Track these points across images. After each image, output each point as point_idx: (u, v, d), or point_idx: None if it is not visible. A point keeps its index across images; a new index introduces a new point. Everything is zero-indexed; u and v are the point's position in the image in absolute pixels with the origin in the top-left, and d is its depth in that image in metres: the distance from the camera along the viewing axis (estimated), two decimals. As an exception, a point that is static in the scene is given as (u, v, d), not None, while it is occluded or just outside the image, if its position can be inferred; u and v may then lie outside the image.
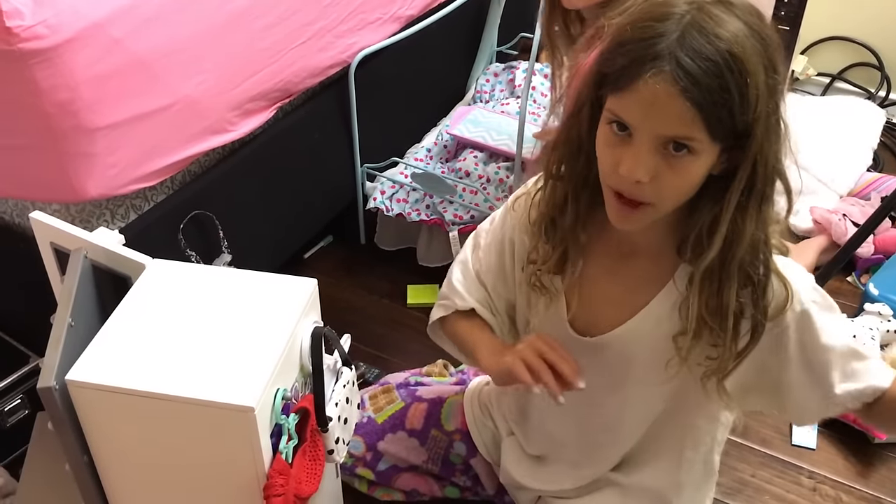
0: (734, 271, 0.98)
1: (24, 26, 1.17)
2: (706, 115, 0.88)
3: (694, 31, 0.88)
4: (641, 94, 0.90)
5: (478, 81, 2.37)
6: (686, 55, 0.87)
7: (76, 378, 0.99)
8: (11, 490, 1.47)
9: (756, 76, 0.89)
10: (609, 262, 1.11)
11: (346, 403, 1.14)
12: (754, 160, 0.93)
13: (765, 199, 0.96)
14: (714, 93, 0.88)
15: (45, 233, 1.21)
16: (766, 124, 0.92)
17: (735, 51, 0.88)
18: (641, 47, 0.90)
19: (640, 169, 0.93)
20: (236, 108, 1.54)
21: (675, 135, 0.91)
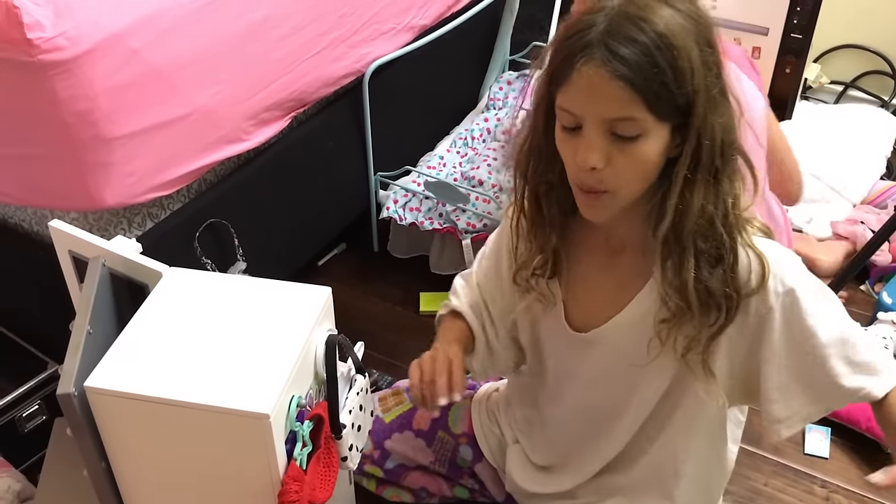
0: (688, 244, 1.00)
1: (44, 38, 1.19)
2: (642, 93, 0.92)
3: (621, 19, 0.93)
4: (578, 83, 0.94)
5: (491, 89, 2.38)
6: (614, 40, 0.92)
7: (95, 385, 1.00)
8: (29, 495, 1.49)
9: (686, 50, 0.92)
10: (600, 258, 1.14)
11: (359, 411, 1.15)
12: (698, 133, 0.96)
13: (717, 173, 0.98)
14: (645, 69, 0.91)
15: (64, 241, 1.22)
16: (707, 97, 0.94)
17: (660, 29, 0.92)
18: (574, 40, 0.95)
19: (594, 155, 0.96)
20: (252, 118, 1.56)
21: (617, 116, 0.94)
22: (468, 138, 2.25)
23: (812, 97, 2.76)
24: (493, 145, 2.15)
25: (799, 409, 1.10)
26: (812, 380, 1.08)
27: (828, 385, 1.08)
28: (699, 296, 1.01)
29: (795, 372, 1.07)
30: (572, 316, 1.18)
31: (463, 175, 2.09)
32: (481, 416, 1.45)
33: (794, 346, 1.06)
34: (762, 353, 1.07)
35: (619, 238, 1.11)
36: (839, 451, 1.67)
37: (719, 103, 0.96)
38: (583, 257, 1.15)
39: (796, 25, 2.30)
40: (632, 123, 0.94)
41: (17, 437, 1.57)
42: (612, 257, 1.13)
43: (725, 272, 1.01)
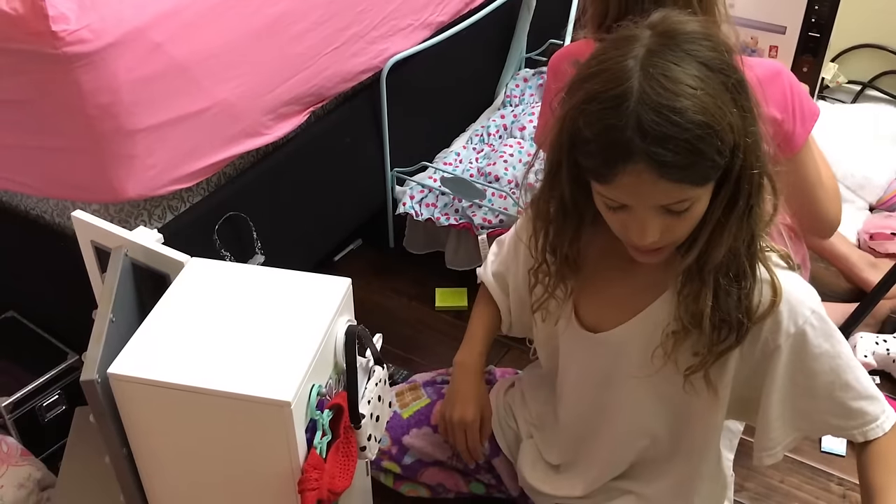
0: (709, 279, 1.01)
1: (69, 30, 1.20)
2: (691, 180, 0.93)
3: (651, 113, 0.90)
4: (626, 186, 0.94)
5: (507, 87, 2.39)
6: (654, 145, 0.90)
7: (117, 372, 1.02)
8: (50, 483, 1.50)
9: (724, 119, 0.91)
10: (621, 264, 1.14)
11: (378, 401, 1.16)
12: (737, 182, 0.96)
13: (748, 213, 0.99)
14: (692, 162, 0.91)
15: (87, 231, 1.24)
16: (746, 149, 0.94)
17: (697, 118, 0.89)
18: (608, 146, 0.93)
19: (649, 236, 0.98)
20: (271, 112, 1.57)
21: (668, 204, 0.95)
22: (484, 135, 2.26)
23: (829, 97, 2.75)
24: (509, 142, 2.15)
25: (785, 439, 1.14)
26: (805, 415, 1.12)
27: (818, 423, 1.13)
28: (713, 322, 1.03)
29: (791, 407, 1.11)
30: (583, 315, 1.20)
31: (479, 171, 2.09)
32: (498, 410, 1.46)
33: (794, 384, 1.09)
34: (764, 385, 1.10)
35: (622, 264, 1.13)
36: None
37: (753, 147, 0.96)
38: (601, 260, 1.16)
39: (814, 24, 2.29)
40: (683, 203, 0.96)
41: (38, 427, 1.59)
42: (631, 264, 1.12)
43: (741, 298, 1.02)
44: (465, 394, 1.36)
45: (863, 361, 1.76)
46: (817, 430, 1.19)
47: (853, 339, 1.81)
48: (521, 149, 2.12)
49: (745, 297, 1.02)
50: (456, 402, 1.36)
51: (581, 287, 1.19)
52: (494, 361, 1.85)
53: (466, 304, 2.04)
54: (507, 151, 2.10)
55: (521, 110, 2.27)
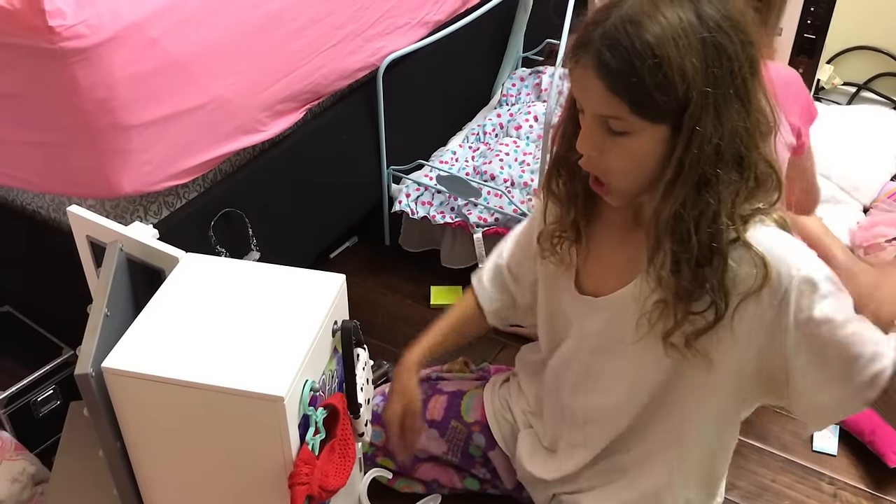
0: (663, 243, 1.02)
1: (65, 25, 1.20)
2: (623, 96, 0.96)
3: (620, 21, 0.96)
4: (575, 77, 1.01)
5: (504, 86, 2.39)
6: (604, 42, 0.96)
7: (112, 366, 1.02)
8: (44, 478, 1.51)
9: (675, 59, 0.93)
10: (617, 233, 1.18)
11: (367, 384, 1.18)
12: (687, 140, 0.97)
13: (704, 181, 0.99)
14: (624, 76, 0.95)
15: (82, 226, 1.24)
16: (704, 105, 0.95)
17: (647, 37, 0.94)
18: (582, 33, 0.99)
19: (586, 143, 1.03)
20: (267, 109, 1.58)
21: (603, 113, 0.99)
22: (480, 133, 2.26)
23: (825, 98, 2.76)
24: (505, 141, 2.16)
25: (826, 400, 1.05)
26: (830, 360, 1.03)
27: (845, 361, 1.02)
28: (675, 291, 1.04)
29: (817, 358, 1.03)
30: (583, 283, 1.23)
31: (475, 170, 2.10)
32: (494, 403, 1.46)
33: (813, 329, 1.02)
34: (786, 342, 1.03)
35: (635, 217, 1.15)
36: (847, 448, 1.68)
37: (725, 110, 0.97)
38: (601, 230, 1.20)
39: (810, 26, 2.30)
40: (618, 122, 0.98)
41: (32, 421, 1.59)
42: (626, 234, 1.16)
43: (708, 275, 1.02)
44: (391, 392, 1.41)
45: None
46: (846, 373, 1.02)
47: None
48: (517, 147, 2.12)
49: (718, 272, 1.02)
50: (387, 402, 1.41)
51: (584, 255, 1.22)
52: (489, 359, 1.85)
53: (461, 303, 2.04)
54: (503, 150, 2.11)
55: (517, 109, 2.28)
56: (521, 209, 1.95)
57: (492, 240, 1.98)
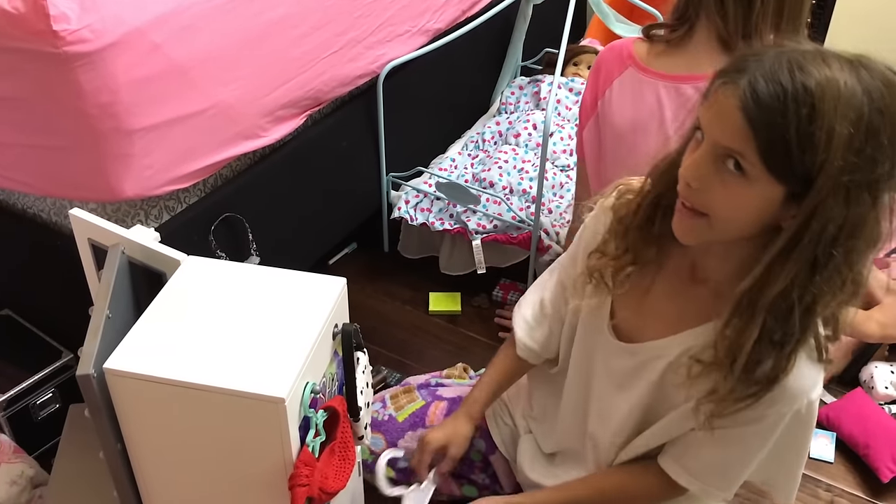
0: (759, 315, 0.97)
1: (69, 30, 1.21)
2: (758, 136, 0.88)
3: (786, 61, 0.88)
4: (712, 101, 0.93)
5: (503, 94, 2.41)
6: (762, 76, 0.88)
7: (113, 367, 1.02)
8: (42, 481, 1.51)
9: (828, 119, 0.86)
10: (676, 282, 1.13)
11: (366, 387, 1.18)
12: (810, 213, 0.90)
13: (816, 264, 0.92)
14: (771, 114, 0.87)
15: (84, 229, 1.25)
16: (835, 185, 0.88)
17: (810, 84, 0.86)
18: (734, 63, 0.92)
19: (693, 172, 0.95)
20: (268, 115, 1.59)
21: (727, 146, 0.91)
22: (479, 141, 2.28)
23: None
24: (504, 148, 2.17)
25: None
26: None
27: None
28: (747, 364, 0.99)
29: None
30: (619, 321, 1.19)
31: (474, 177, 2.11)
32: (494, 407, 1.47)
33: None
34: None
35: (704, 271, 1.10)
36: (844, 456, 1.68)
37: (854, 199, 0.89)
38: (659, 274, 1.14)
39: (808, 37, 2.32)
40: (740, 160, 0.91)
41: (31, 425, 1.59)
42: (687, 285, 1.11)
43: (778, 359, 0.99)
44: (445, 422, 1.39)
45: (884, 394, 1.77)
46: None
47: (868, 370, 1.82)
48: (516, 155, 2.13)
49: (786, 356, 0.98)
50: (437, 426, 1.40)
51: (623, 297, 1.17)
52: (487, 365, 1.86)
53: (460, 309, 2.05)
54: (502, 158, 2.12)
55: (516, 117, 2.29)
56: (520, 216, 1.96)
57: (490, 246, 1.99)
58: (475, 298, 2.08)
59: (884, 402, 1.77)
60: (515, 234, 1.96)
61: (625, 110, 1.51)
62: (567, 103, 2.31)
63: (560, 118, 2.27)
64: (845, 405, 1.73)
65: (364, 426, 1.15)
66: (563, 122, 2.25)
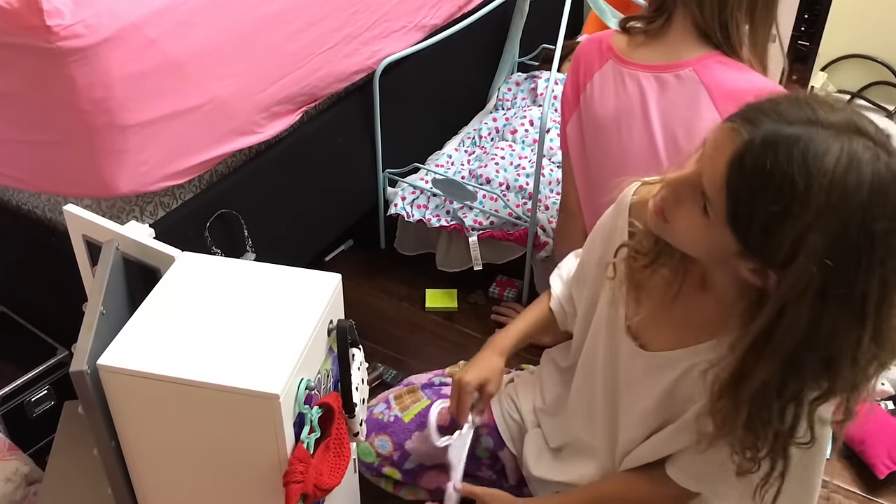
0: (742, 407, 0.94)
1: (63, 25, 1.21)
2: (730, 196, 0.85)
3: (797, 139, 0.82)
4: (716, 134, 0.89)
5: (500, 90, 2.40)
6: (766, 140, 0.83)
7: (107, 363, 1.02)
8: (37, 478, 1.50)
9: (815, 205, 0.80)
10: (692, 292, 1.11)
11: (361, 384, 1.18)
12: (777, 313, 0.87)
13: (794, 364, 0.89)
14: (749, 188, 0.84)
15: (78, 225, 1.24)
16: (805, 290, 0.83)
17: (809, 161, 0.80)
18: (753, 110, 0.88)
19: (672, 185, 0.95)
20: (264, 111, 1.58)
21: (703, 186, 0.89)
22: (476, 137, 2.27)
23: (818, 105, 2.77)
24: (500, 144, 2.16)
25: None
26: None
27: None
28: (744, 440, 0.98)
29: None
30: (634, 325, 1.18)
31: (471, 173, 2.10)
32: (501, 404, 1.47)
33: None
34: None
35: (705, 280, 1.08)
36: (841, 452, 1.68)
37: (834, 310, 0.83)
38: (680, 285, 1.12)
39: (804, 33, 2.32)
40: (706, 202, 0.89)
41: (26, 422, 1.59)
42: (698, 293, 1.10)
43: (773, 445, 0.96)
44: (475, 361, 1.36)
45: (880, 389, 1.77)
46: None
47: None
48: (513, 151, 2.13)
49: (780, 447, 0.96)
50: (467, 367, 1.37)
51: (646, 296, 1.16)
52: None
53: (456, 306, 2.05)
54: (499, 154, 2.11)
55: (512, 114, 2.29)
56: (517, 212, 1.95)
57: (487, 243, 1.99)
58: (472, 295, 2.08)
59: (880, 398, 1.77)
60: (512, 231, 1.95)
61: (607, 102, 1.53)
62: (564, 100, 2.31)
63: (557, 114, 2.26)
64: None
65: (359, 423, 1.15)
66: (559, 119, 2.24)
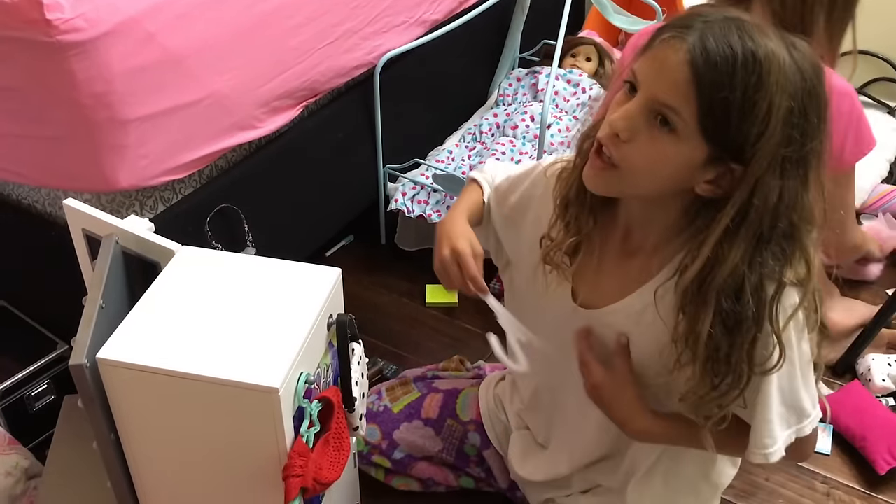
0: (710, 299, 0.96)
1: (63, 19, 1.21)
2: (702, 94, 0.89)
3: (734, 26, 0.89)
4: (656, 52, 0.93)
5: (501, 86, 2.40)
6: (712, 35, 0.89)
7: (106, 356, 1.02)
8: (37, 472, 1.50)
9: (772, 94, 0.88)
10: (614, 255, 1.13)
11: (362, 378, 1.18)
12: (751, 190, 0.91)
13: (762, 239, 0.93)
14: (718, 75, 0.88)
15: (78, 219, 1.24)
16: (773, 158, 0.90)
17: (760, 54, 0.87)
18: (681, 19, 0.93)
19: (623, 122, 0.95)
20: (264, 106, 1.58)
21: (664, 101, 0.91)
22: (477, 133, 2.27)
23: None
24: (501, 140, 2.16)
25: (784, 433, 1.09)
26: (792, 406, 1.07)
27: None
28: (710, 352, 0.98)
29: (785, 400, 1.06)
30: (576, 292, 1.18)
31: (471, 168, 2.10)
32: (488, 402, 1.47)
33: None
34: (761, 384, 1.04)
35: (635, 241, 1.10)
36: (840, 448, 1.68)
37: (788, 174, 0.91)
38: (600, 250, 1.14)
39: (805, 29, 2.31)
40: (672, 115, 0.91)
41: (26, 416, 1.59)
42: (623, 258, 1.12)
43: (743, 345, 0.97)
44: (451, 231, 1.25)
45: (881, 386, 1.76)
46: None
47: (865, 362, 1.81)
48: (514, 147, 2.13)
49: (750, 343, 0.97)
50: (443, 241, 1.24)
51: (578, 267, 1.16)
52: (484, 357, 1.85)
53: (457, 301, 2.05)
54: (500, 150, 2.11)
55: (513, 109, 2.28)
56: (517, 208, 1.95)
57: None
58: (472, 291, 2.08)
59: (881, 394, 1.77)
60: (512, 227, 1.95)
61: None
62: (565, 95, 2.30)
63: (558, 110, 2.26)
64: (842, 398, 1.73)
65: (359, 417, 1.15)
66: (560, 114, 2.24)
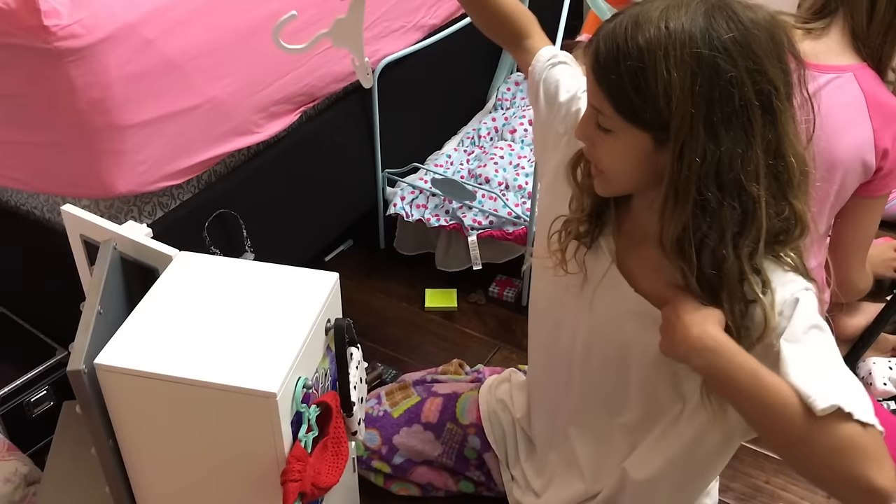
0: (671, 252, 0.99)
1: (60, 25, 1.21)
2: (608, 93, 0.96)
3: (629, 21, 0.95)
4: (587, 69, 1.01)
5: (499, 90, 2.40)
6: (602, 37, 0.97)
7: (104, 362, 1.02)
8: (36, 478, 1.50)
9: (661, 71, 0.91)
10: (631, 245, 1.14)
11: (360, 383, 1.18)
12: (677, 156, 0.94)
13: (702, 204, 0.94)
14: (609, 72, 0.95)
15: (76, 225, 1.24)
16: (691, 124, 0.92)
17: (640, 41, 0.93)
18: (599, 27, 1.00)
19: (579, 132, 1.04)
20: (262, 111, 1.58)
21: (595, 104, 1.00)
22: (475, 137, 2.27)
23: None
24: (500, 144, 2.16)
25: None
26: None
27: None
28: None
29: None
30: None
31: (470, 173, 2.10)
32: (489, 405, 1.47)
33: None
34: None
35: (640, 231, 1.11)
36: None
37: (722, 135, 0.92)
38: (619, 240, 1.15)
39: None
40: (604, 118, 0.99)
41: (25, 422, 1.59)
42: (634, 247, 1.13)
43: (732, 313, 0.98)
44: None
45: (882, 390, 1.76)
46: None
47: (866, 366, 1.80)
48: (512, 151, 2.13)
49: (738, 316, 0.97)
50: None
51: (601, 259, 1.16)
52: (483, 361, 1.86)
53: (456, 305, 2.05)
54: (498, 154, 2.11)
55: (512, 113, 2.29)
56: (516, 212, 1.95)
57: (486, 243, 1.98)
58: (471, 295, 2.08)
59: (882, 398, 1.76)
60: (511, 230, 1.95)
61: None
62: (563, 99, 2.30)
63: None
64: (843, 400, 1.72)
65: (357, 421, 1.15)
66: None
